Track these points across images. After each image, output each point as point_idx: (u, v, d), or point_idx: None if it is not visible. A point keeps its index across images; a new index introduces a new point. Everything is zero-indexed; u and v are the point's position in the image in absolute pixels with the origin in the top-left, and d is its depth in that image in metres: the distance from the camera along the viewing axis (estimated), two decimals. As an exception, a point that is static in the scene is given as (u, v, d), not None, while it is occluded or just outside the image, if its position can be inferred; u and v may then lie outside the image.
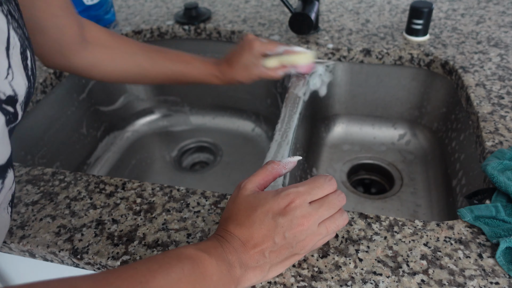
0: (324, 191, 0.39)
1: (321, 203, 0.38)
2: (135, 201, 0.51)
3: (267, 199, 0.37)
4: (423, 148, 0.88)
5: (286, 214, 0.36)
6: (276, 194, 0.38)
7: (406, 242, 0.44)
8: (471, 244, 0.44)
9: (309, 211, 0.37)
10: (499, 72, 0.71)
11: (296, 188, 0.38)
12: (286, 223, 0.36)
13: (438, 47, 0.80)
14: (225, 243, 0.37)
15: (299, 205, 0.37)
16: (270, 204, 0.37)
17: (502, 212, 0.45)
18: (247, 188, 0.39)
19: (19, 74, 0.35)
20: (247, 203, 0.38)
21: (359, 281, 0.41)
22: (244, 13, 0.97)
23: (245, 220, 0.37)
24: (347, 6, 0.98)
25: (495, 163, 0.50)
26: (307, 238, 0.37)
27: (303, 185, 0.38)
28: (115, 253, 0.45)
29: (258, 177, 0.41)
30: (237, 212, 0.38)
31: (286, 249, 0.37)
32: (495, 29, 0.84)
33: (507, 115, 0.61)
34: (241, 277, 0.36)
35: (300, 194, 0.37)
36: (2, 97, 0.33)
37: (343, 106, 0.93)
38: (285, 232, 0.36)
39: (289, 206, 0.37)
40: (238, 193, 0.39)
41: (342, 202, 0.40)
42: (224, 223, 0.39)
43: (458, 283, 0.40)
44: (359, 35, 0.85)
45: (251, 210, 0.37)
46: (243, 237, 0.37)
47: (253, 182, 0.40)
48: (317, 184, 0.39)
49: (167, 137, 1.04)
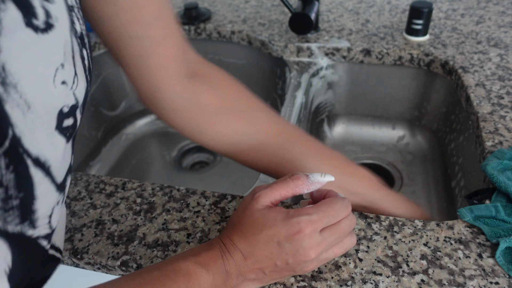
0: (338, 218, 0.36)
1: (333, 231, 0.36)
2: (135, 201, 0.51)
3: (275, 221, 0.35)
4: (423, 148, 0.88)
5: (293, 242, 0.34)
6: (286, 218, 0.35)
7: (406, 242, 0.44)
8: (471, 244, 0.44)
9: (318, 242, 0.35)
10: (499, 72, 0.71)
11: (309, 216, 0.35)
12: (291, 251, 0.35)
13: (438, 47, 0.80)
14: (226, 255, 0.36)
15: (308, 235, 0.34)
16: (278, 228, 0.35)
17: (502, 212, 0.45)
18: (259, 201, 0.37)
19: (81, 79, 0.31)
20: (255, 219, 0.36)
21: (359, 281, 0.41)
22: (244, 13, 0.97)
23: (249, 236, 0.36)
24: (347, 6, 0.98)
25: (495, 163, 0.50)
26: (311, 265, 0.36)
27: (317, 212, 0.35)
28: (115, 253, 0.45)
29: (275, 192, 0.37)
30: (244, 224, 0.36)
31: (287, 271, 0.36)
32: (495, 29, 0.84)
33: (507, 115, 0.61)
34: (237, 285, 0.36)
35: (311, 222, 0.35)
36: (65, 110, 0.29)
37: (343, 106, 0.93)
38: (289, 259, 0.35)
39: (297, 235, 0.34)
40: (249, 203, 0.37)
41: (353, 226, 0.37)
42: (230, 228, 0.37)
43: (458, 283, 0.40)
44: (359, 35, 0.85)
45: (257, 228, 0.35)
46: (245, 252, 0.35)
47: (268, 196, 0.37)
48: (332, 212, 0.36)
49: (167, 137, 1.04)
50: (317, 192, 0.40)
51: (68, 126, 0.30)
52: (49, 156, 0.29)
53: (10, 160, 0.25)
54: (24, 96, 0.25)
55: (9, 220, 0.26)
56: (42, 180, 0.28)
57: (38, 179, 0.28)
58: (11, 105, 0.24)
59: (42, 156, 0.28)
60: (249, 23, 0.93)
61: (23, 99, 0.25)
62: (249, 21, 0.93)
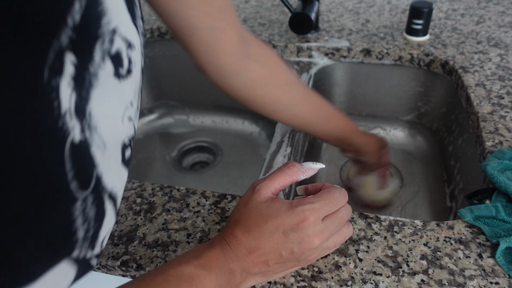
0: (338, 206, 0.37)
1: (333, 219, 0.37)
2: (135, 201, 0.51)
3: (280, 211, 0.36)
4: (423, 148, 0.88)
5: (298, 230, 0.35)
6: (290, 208, 0.36)
7: (406, 242, 0.44)
8: (471, 244, 0.44)
9: (321, 229, 0.36)
10: (499, 72, 0.71)
11: (312, 204, 0.36)
12: (296, 239, 0.35)
13: (438, 47, 0.80)
14: (229, 251, 0.36)
15: (312, 223, 0.35)
16: (282, 218, 0.35)
17: (502, 212, 0.45)
18: (261, 193, 0.37)
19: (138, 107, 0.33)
20: (258, 211, 0.36)
21: (359, 281, 0.41)
22: (244, 13, 0.97)
23: (254, 229, 0.36)
24: (347, 6, 0.98)
25: (495, 163, 0.50)
26: (314, 254, 0.37)
27: (319, 201, 0.36)
28: (115, 253, 0.45)
29: (274, 182, 0.38)
30: (247, 218, 0.37)
31: (291, 262, 0.37)
32: (495, 29, 0.84)
33: (507, 115, 0.61)
34: (242, 282, 0.36)
35: (315, 210, 0.36)
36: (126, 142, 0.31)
37: (343, 106, 0.93)
38: (294, 248, 0.35)
39: (302, 223, 0.35)
40: (251, 197, 0.38)
41: (350, 215, 0.39)
42: (232, 225, 0.38)
43: (458, 283, 0.40)
44: (359, 35, 0.85)
45: (262, 220, 0.36)
46: (249, 246, 0.36)
47: (268, 187, 0.38)
48: (332, 200, 0.37)
49: (167, 137, 1.04)
50: (312, 187, 0.42)
51: (129, 157, 0.32)
52: (118, 189, 0.30)
53: (94, 198, 0.26)
54: (102, 137, 0.26)
55: (83, 248, 0.27)
56: (111, 211, 0.30)
57: (109, 210, 0.29)
58: (94, 147, 0.26)
59: (113, 190, 0.29)
60: (249, 23, 0.93)
61: (101, 140, 0.26)
62: (249, 21, 0.93)
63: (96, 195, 0.27)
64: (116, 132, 0.28)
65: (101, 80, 0.25)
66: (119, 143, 0.30)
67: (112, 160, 0.29)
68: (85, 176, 0.25)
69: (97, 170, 0.26)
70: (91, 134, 0.25)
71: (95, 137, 0.26)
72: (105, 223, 0.29)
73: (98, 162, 0.26)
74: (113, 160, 0.29)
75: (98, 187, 0.27)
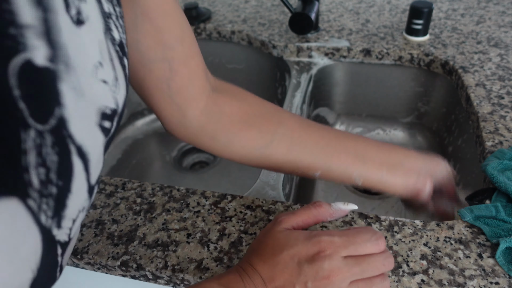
0: (366, 250, 0.34)
1: (359, 261, 0.34)
2: (135, 201, 0.51)
3: (297, 241, 0.34)
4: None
5: (313, 262, 0.33)
6: (307, 238, 0.34)
7: (406, 242, 0.44)
8: (471, 244, 0.44)
9: (339, 266, 0.33)
10: (499, 72, 0.71)
11: (331, 237, 0.34)
12: (310, 272, 0.33)
13: (438, 47, 0.80)
14: (246, 278, 0.35)
15: (329, 256, 0.33)
16: (298, 248, 0.34)
17: (502, 212, 0.45)
18: (281, 224, 0.37)
19: (122, 85, 0.30)
20: (276, 240, 0.36)
21: (359, 281, 0.41)
22: (244, 13, 0.97)
23: (269, 258, 0.35)
24: (347, 6, 0.98)
25: (495, 163, 0.50)
26: None
27: (341, 236, 0.34)
28: (115, 253, 0.45)
29: (298, 218, 0.37)
30: (265, 247, 0.36)
31: None
32: (495, 29, 0.84)
33: (507, 115, 0.61)
34: None
35: (333, 244, 0.34)
36: (107, 111, 0.28)
37: (343, 106, 0.93)
38: (308, 281, 0.33)
39: (318, 255, 0.33)
40: (272, 227, 0.37)
41: (388, 267, 0.35)
42: (250, 254, 0.37)
43: (458, 283, 0.40)
44: (359, 35, 0.85)
45: (278, 249, 0.35)
46: (264, 275, 0.35)
47: (291, 221, 0.37)
48: (358, 240, 0.34)
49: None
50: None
51: (107, 128, 0.29)
52: (90, 150, 0.27)
53: (55, 140, 0.24)
54: (80, 82, 0.24)
55: (44, 208, 0.24)
56: (80, 174, 0.27)
57: (78, 171, 0.26)
58: (64, 85, 0.24)
59: (84, 147, 0.26)
60: (249, 23, 0.93)
61: (79, 84, 0.24)
62: (249, 21, 0.93)
63: (58, 139, 0.24)
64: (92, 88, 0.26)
65: (53, 8, 0.23)
66: (95, 104, 0.27)
67: (87, 115, 0.26)
68: (41, 107, 0.22)
69: (61, 111, 0.24)
70: (68, 71, 0.23)
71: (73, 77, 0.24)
72: (74, 190, 0.26)
73: (65, 103, 0.24)
74: (87, 116, 0.26)
75: (61, 130, 0.24)
